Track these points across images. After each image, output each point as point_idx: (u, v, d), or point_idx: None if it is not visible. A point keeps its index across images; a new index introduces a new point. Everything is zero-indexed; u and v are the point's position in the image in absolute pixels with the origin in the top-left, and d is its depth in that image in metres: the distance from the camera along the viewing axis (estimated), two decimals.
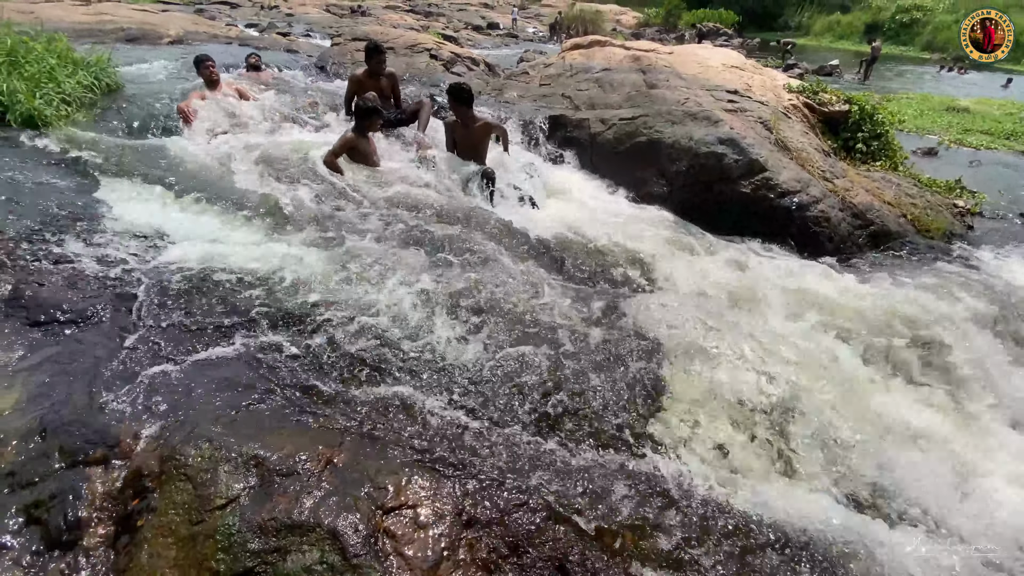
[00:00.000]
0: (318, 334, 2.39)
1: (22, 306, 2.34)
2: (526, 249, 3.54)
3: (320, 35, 16.02)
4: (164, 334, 2.34)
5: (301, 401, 2.09)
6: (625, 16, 32.67)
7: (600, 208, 4.62)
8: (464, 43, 16.25)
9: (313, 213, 3.37)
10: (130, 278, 2.58)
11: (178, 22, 10.12)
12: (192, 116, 4.43)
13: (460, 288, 2.81)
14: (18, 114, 3.92)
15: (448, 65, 7.50)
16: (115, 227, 2.89)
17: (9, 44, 4.30)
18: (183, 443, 1.82)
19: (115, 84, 4.79)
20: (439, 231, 3.34)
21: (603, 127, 5.38)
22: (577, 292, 3.12)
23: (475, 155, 4.51)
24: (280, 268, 2.73)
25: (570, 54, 7.38)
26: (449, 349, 2.46)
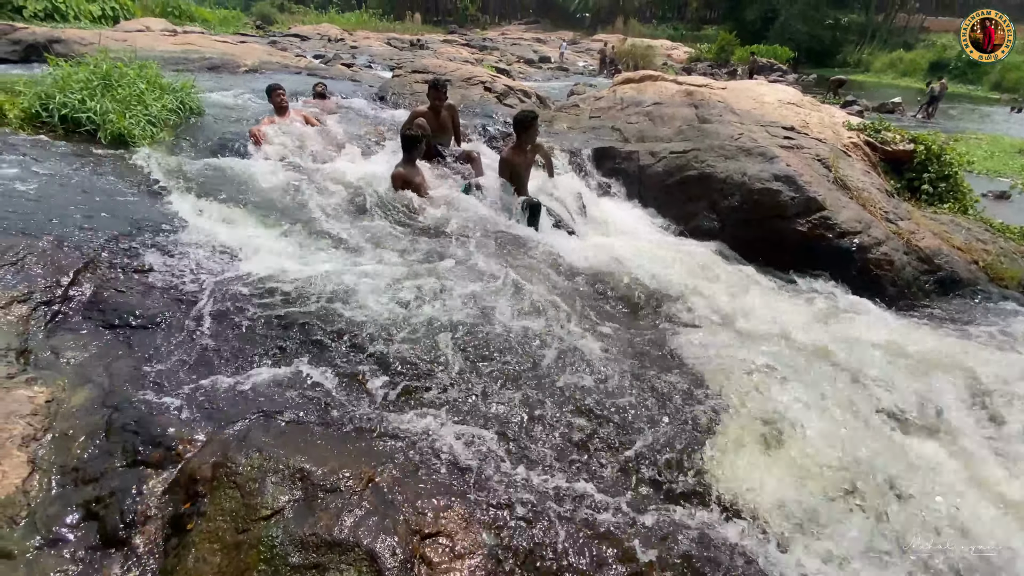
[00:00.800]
0: (367, 355, 2.44)
1: (100, 309, 2.51)
2: (571, 278, 3.53)
3: (381, 66, 16.87)
4: (224, 345, 2.45)
5: (347, 419, 2.12)
6: (676, 51, 32.85)
7: (647, 239, 4.57)
8: (516, 76, 16.75)
9: (368, 236, 3.49)
10: (197, 289, 2.73)
11: (254, 53, 10.93)
12: (262, 139, 4.73)
13: (503, 318, 2.81)
14: (108, 133, 4.29)
15: (501, 97, 7.72)
16: (187, 240, 3.09)
17: (104, 69, 4.75)
18: (235, 451, 1.88)
19: (197, 108, 5.20)
20: (485, 259, 3.38)
21: (653, 159, 5.37)
22: (622, 324, 3.07)
23: (523, 180, 4.57)
24: (335, 288, 2.82)
25: (621, 88, 7.45)
26: (489, 379, 2.45)
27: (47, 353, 2.24)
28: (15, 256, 2.48)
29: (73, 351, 2.28)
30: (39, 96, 4.39)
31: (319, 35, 27.07)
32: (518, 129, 4.42)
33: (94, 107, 4.28)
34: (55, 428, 1.96)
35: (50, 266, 2.53)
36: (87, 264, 2.63)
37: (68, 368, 2.20)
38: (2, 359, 2.13)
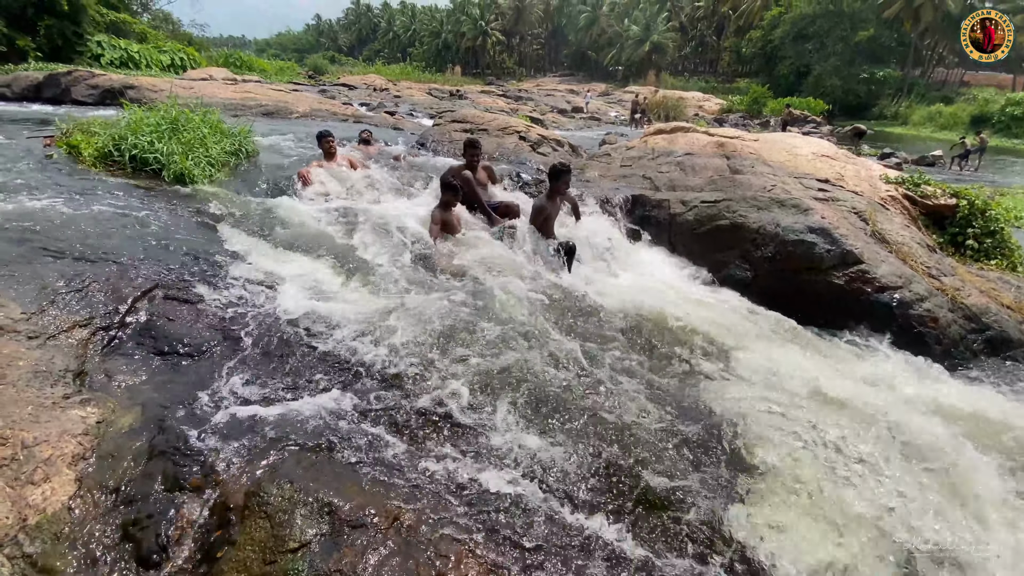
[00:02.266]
0: (399, 393, 2.48)
1: (152, 336, 2.66)
2: (599, 322, 3.53)
3: (422, 115, 17.78)
4: (262, 375, 2.55)
5: (375, 455, 2.15)
6: (708, 103, 33.48)
7: (677, 287, 4.56)
8: (549, 125, 17.32)
9: (405, 276, 3.61)
10: (242, 321, 2.87)
11: (306, 101, 11.71)
12: (310, 181, 5.02)
13: (531, 361, 2.83)
14: (172, 172, 4.64)
15: (535, 146, 7.99)
16: (235, 273, 3.26)
17: (173, 114, 5.19)
18: (267, 481, 1.92)
19: (252, 151, 5.58)
20: (516, 302, 3.44)
21: (684, 208, 5.42)
22: (651, 371, 3.04)
23: (552, 226, 4.72)
24: (369, 325, 2.91)
25: (652, 138, 7.63)
26: (515, 422, 2.45)
27: (101, 376, 2.37)
28: (81, 283, 2.68)
29: (125, 375, 2.41)
30: (112, 137, 4.80)
31: (366, 85, 28.79)
32: (552, 178, 4.63)
33: (161, 148, 4.66)
34: (102, 448, 2.05)
35: (111, 293, 2.71)
36: (144, 293, 2.81)
37: (119, 391, 2.32)
38: (60, 380, 2.27)
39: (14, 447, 1.95)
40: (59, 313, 2.48)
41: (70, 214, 3.40)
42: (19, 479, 1.90)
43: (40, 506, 1.85)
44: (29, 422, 2.03)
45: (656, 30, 55.65)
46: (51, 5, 22.15)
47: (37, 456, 1.95)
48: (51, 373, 2.24)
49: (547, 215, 4.71)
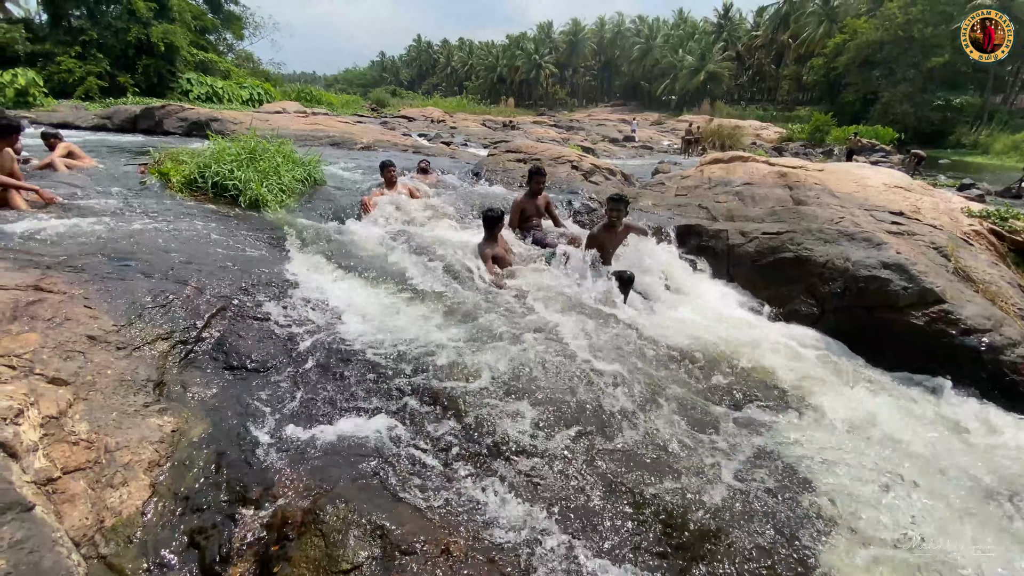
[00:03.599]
0: (454, 422, 2.48)
1: (224, 351, 2.82)
2: (656, 355, 3.43)
3: (476, 145, 18.34)
4: (323, 394, 2.63)
5: (428, 482, 2.16)
6: (766, 131, 32.63)
7: (737, 320, 4.37)
8: (600, 154, 17.42)
9: (459, 302, 3.67)
10: (304, 340, 2.99)
11: (369, 132, 12.37)
12: (372, 208, 5.26)
13: (584, 393, 2.78)
14: (248, 198, 4.99)
15: (587, 175, 8.03)
16: (301, 295, 3.43)
17: (252, 145, 5.60)
18: (324, 499, 1.96)
19: (320, 179, 5.93)
20: (571, 331, 3.41)
21: (743, 239, 5.24)
22: (711, 410, 2.91)
23: (610, 257, 4.70)
24: (424, 350, 2.95)
25: (709, 168, 7.49)
26: (568, 457, 2.40)
27: (178, 387, 2.52)
28: (165, 299, 2.89)
29: (198, 387, 2.56)
30: (198, 165, 5.24)
31: (424, 117, 30.12)
32: (608, 207, 4.72)
33: (239, 176, 5.03)
34: (175, 457, 2.17)
35: (190, 309, 2.91)
36: (218, 310, 3.00)
37: (193, 402, 2.46)
38: (142, 389, 2.43)
39: (98, 451, 2.10)
40: (144, 326, 2.68)
41: (159, 235, 3.71)
42: (100, 482, 2.03)
43: (117, 509, 1.97)
44: (113, 428, 2.18)
45: (711, 59, 55.30)
46: (150, 47, 24.81)
47: (118, 460, 2.09)
48: (134, 382, 2.41)
49: (600, 243, 4.71)
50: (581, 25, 75.13)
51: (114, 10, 24.35)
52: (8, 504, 1.71)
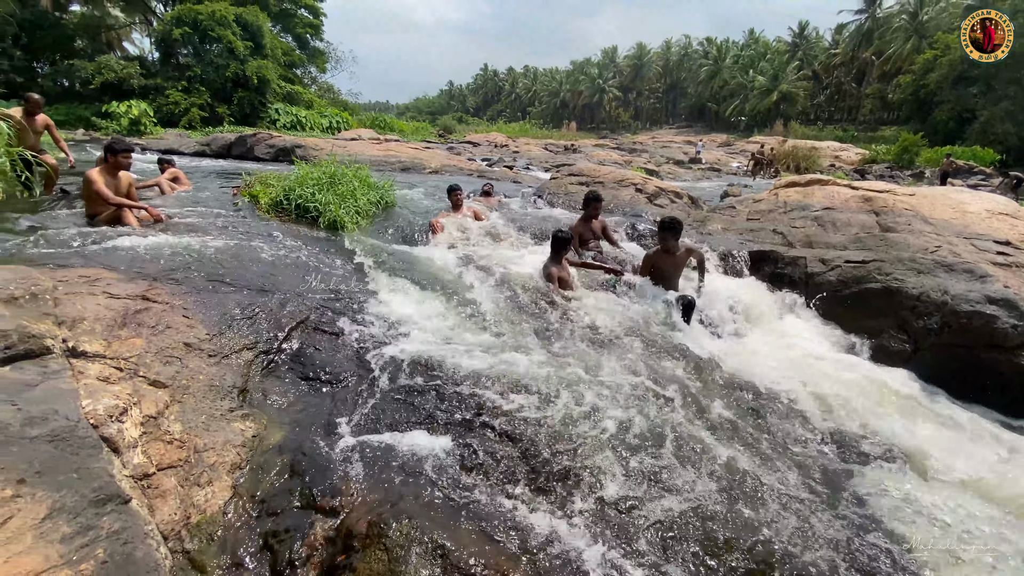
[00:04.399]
0: (517, 447, 2.47)
1: (301, 362, 2.98)
2: (723, 388, 3.27)
3: (538, 168, 18.59)
4: (389, 408, 2.71)
5: (489, 506, 2.15)
6: (846, 152, 30.72)
7: (815, 355, 4.08)
8: (665, 176, 17.09)
9: (521, 325, 3.69)
10: (374, 355, 3.11)
11: (437, 157, 12.89)
12: (439, 230, 5.44)
13: (648, 424, 2.68)
14: (327, 219, 5.31)
15: (652, 198, 7.90)
16: (372, 311, 3.58)
17: (332, 170, 5.98)
18: (388, 514, 2.00)
19: (392, 202, 6.22)
20: (633, 358, 3.32)
21: (823, 267, 4.92)
22: (790, 451, 2.71)
23: (672, 280, 4.57)
24: (488, 372, 2.97)
25: (784, 191, 7.14)
26: (631, 491, 2.31)
27: (259, 394, 2.69)
28: (252, 312, 3.11)
29: (277, 395, 2.71)
30: (283, 189, 5.66)
31: (488, 142, 30.96)
32: (660, 231, 4.65)
33: (320, 199, 5.38)
34: (254, 461, 2.30)
35: (273, 322, 3.12)
36: (298, 323, 3.18)
37: (271, 409, 2.61)
38: (228, 395, 2.61)
39: (188, 450, 2.26)
40: (233, 336, 2.89)
41: (248, 252, 4.02)
42: (188, 480, 2.19)
43: (202, 507, 2.11)
44: (202, 430, 2.35)
45: (785, 79, 53.25)
46: (245, 81, 27.35)
47: (205, 461, 2.24)
48: (222, 388, 2.60)
49: (658, 265, 4.63)
50: (646, 49, 75.01)
51: (216, 48, 27.15)
52: (109, 496, 1.87)
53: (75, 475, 1.85)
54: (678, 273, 4.65)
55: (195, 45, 27.20)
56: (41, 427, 1.93)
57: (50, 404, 2.02)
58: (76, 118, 23.20)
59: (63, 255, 3.55)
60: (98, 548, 1.70)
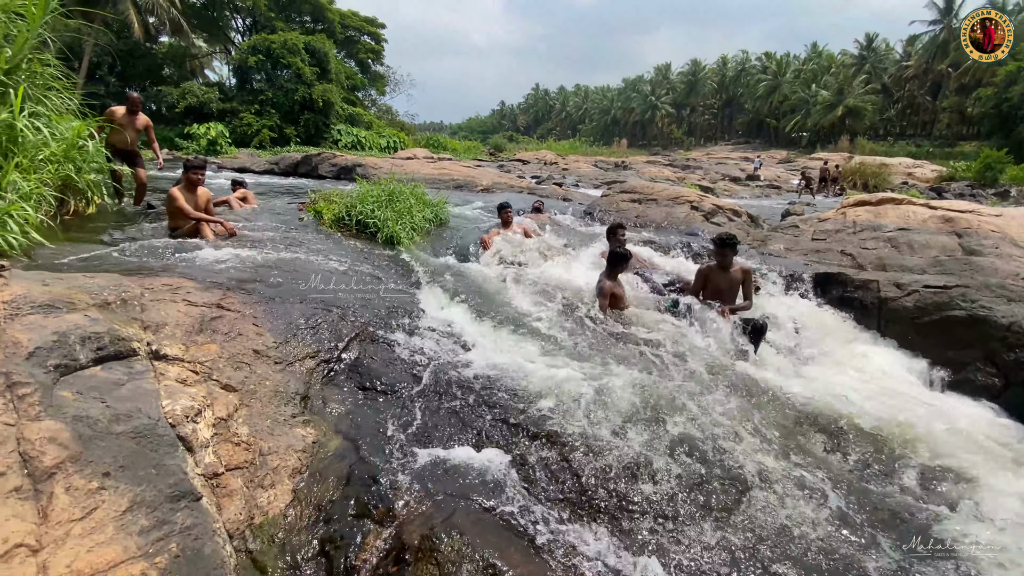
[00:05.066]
0: (569, 467, 2.42)
1: (358, 372, 3.07)
2: (790, 419, 3.08)
3: (587, 185, 18.55)
4: (441, 421, 2.74)
5: (539, 526, 2.11)
6: (920, 170, 28.77)
7: (891, 385, 3.79)
8: (720, 194, 16.61)
9: (573, 342, 3.66)
10: (428, 367, 3.16)
11: (488, 175, 13.13)
12: (490, 246, 5.52)
13: (711, 454, 2.57)
14: (384, 235, 5.51)
15: (708, 216, 7.69)
16: (425, 324, 3.65)
17: (390, 188, 6.21)
18: (440, 528, 2.01)
19: (445, 219, 6.38)
20: (694, 382, 3.21)
21: (899, 292, 4.59)
22: (860, 490, 2.51)
23: (725, 299, 4.44)
24: (543, 389, 2.95)
25: (853, 210, 6.76)
26: (693, 523, 2.21)
27: (319, 402, 2.79)
28: (315, 322, 3.25)
29: (335, 404, 2.80)
30: (345, 205, 5.92)
31: (537, 160, 31.27)
32: (716, 247, 4.57)
33: (379, 215, 5.59)
34: (313, 466, 2.38)
35: (334, 332, 3.24)
36: (357, 334, 3.29)
37: (330, 417, 2.69)
38: (291, 401, 2.72)
39: (254, 453, 2.37)
40: (297, 344, 3.02)
41: (312, 265, 4.22)
42: (253, 481, 2.28)
43: (265, 509, 2.19)
44: (266, 433, 2.45)
45: (851, 93, 50.79)
46: (311, 103, 29.05)
47: (268, 464, 2.34)
48: (286, 394, 2.71)
49: (712, 281, 4.51)
50: (701, 65, 73.82)
51: (286, 74, 29.08)
52: (183, 492, 1.98)
53: (153, 471, 1.98)
54: (733, 292, 4.48)
55: (268, 71, 29.24)
56: (126, 424, 2.07)
57: (135, 402, 2.18)
58: (161, 139, 25.37)
59: (149, 264, 3.86)
60: (172, 542, 1.80)
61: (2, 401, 1.95)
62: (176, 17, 26.27)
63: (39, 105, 5.29)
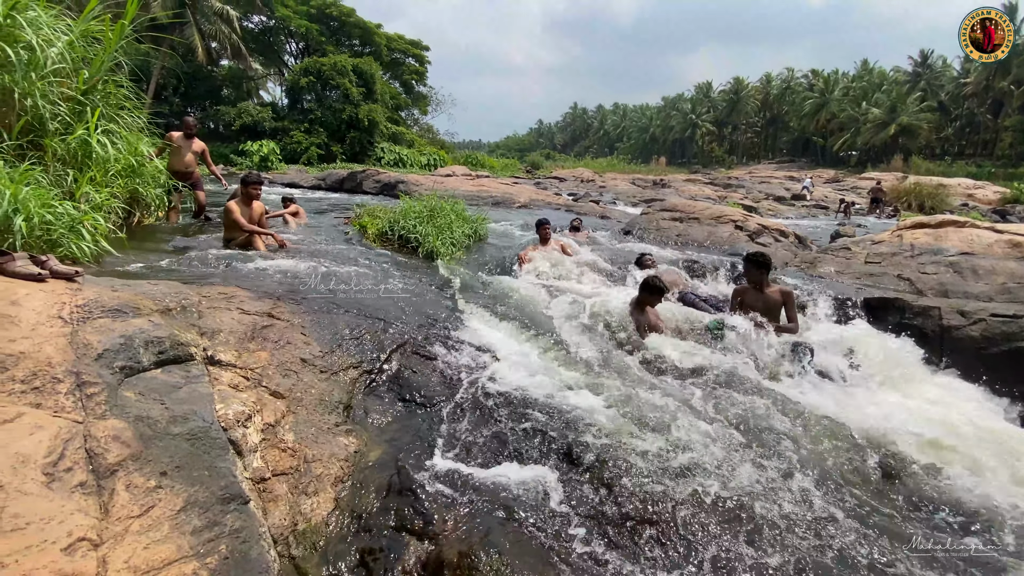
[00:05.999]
0: (607, 491, 2.35)
1: (398, 384, 3.11)
2: (847, 453, 2.91)
3: (624, 203, 18.40)
4: (478, 436, 2.73)
5: (577, 549, 2.07)
6: (982, 191, 27.14)
7: (960, 420, 3.53)
8: (764, 213, 16.14)
9: (609, 363, 3.60)
10: (465, 381, 3.17)
11: (525, 192, 13.23)
12: (527, 262, 5.54)
13: (749, 479, 2.46)
14: (425, 249, 5.62)
15: (753, 236, 7.48)
16: (463, 337, 3.68)
17: (432, 204, 6.34)
18: (478, 546, 1.99)
19: (484, 234, 6.46)
20: (735, 406, 3.09)
21: (963, 320, 4.32)
22: (924, 534, 2.34)
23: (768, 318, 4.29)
24: (581, 410, 2.90)
25: (910, 232, 6.44)
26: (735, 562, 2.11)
27: (361, 411, 2.83)
28: (358, 333, 3.32)
29: (376, 414, 2.84)
30: (388, 220, 6.08)
31: (574, 177, 31.29)
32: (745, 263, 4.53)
33: (420, 230, 5.71)
34: (355, 476, 2.41)
35: (376, 343, 3.30)
36: (398, 346, 3.34)
37: (371, 427, 2.73)
38: (335, 409, 2.78)
39: (299, 459, 2.42)
40: (342, 355, 3.10)
41: (357, 277, 4.33)
42: (297, 488, 2.33)
43: (308, 516, 2.23)
44: (311, 441, 2.51)
45: (905, 111, 48.77)
46: (357, 122, 30.16)
47: (312, 472, 2.38)
48: (330, 403, 2.77)
49: (749, 301, 4.41)
50: (744, 83, 72.62)
51: (334, 95, 30.37)
52: (233, 495, 2.03)
53: (206, 472, 2.04)
54: (772, 315, 4.32)
55: (317, 92, 30.60)
56: (182, 425, 2.16)
57: (191, 405, 2.27)
58: (218, 155, 26.91)
59: (206, 273, 4.05)
60: (222, 544, 1.85)
61: (72, 399, 2.07)
62: (236, 42, 27.98)
63: (112, 123, 5.71)
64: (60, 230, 3.66)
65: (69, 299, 2.53)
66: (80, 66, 5.22)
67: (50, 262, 2.83)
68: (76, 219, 3.84)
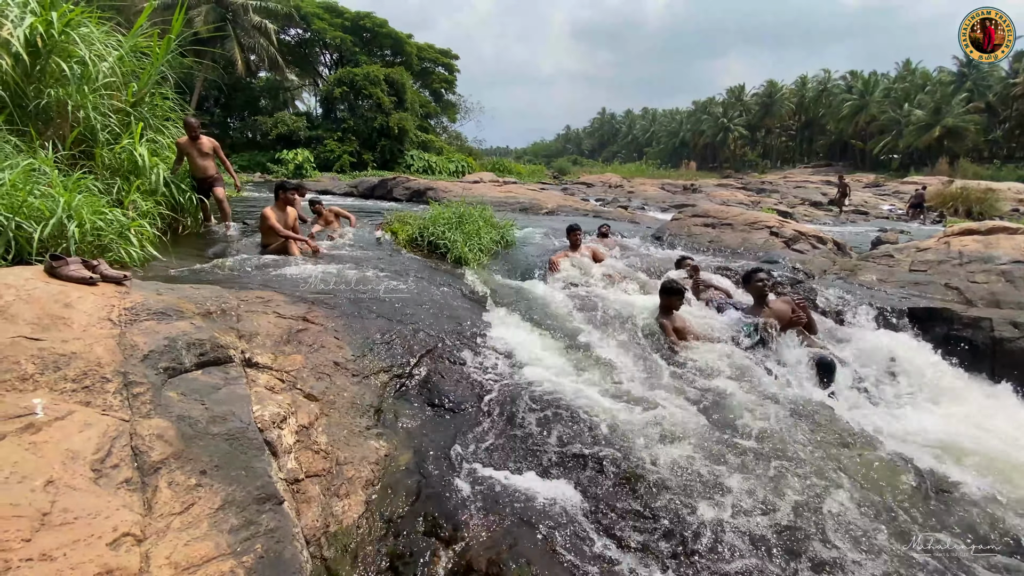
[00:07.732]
0: (638, 504, 2.32)
1: (428, 389, 3.13)
2: (888, 473, 2.78)
3: (654, 208, 18.16)
4: (505, 443, 2.72)
5: (604, 561, 2.03)
6: None
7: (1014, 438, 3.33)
8: (800, 219, 15.66)
9: (648, 375, 3.54)
10: (493, 387, 3.17)
11: (553, 198, 13.21)
12: (557, 268, 5.52)
13: (780, 499, 2.37)
14: (453, 255, 5.66)
15: (789, 242, 7.26)
16: (491, 344, 3.68)
17: (460, 211, 6.39)
18: (506, 554, 1.98)
19: (512, 240, 6.48)
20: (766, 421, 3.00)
21: (1017, 332, 4.09)
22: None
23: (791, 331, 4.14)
24: (612, 420, 2.86)
25: (958, 239, 6.14)
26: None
27: (391, 415, 2.86)
28: (389, 338, 3.37)
29: (406, 419, 2.86)
30: (418, 227, 6.16)
31: (602, 183, 31.06)
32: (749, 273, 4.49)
33: (449, 236, 5.77)
34: (385, 480, 2.43)
35: (406, 348, 3.33)
36: (427, 351, 3.37)
37: (401, 431, 2.76)
38: (366, 413, 2.82)
39: (331, 462, 2.46)
40: (373, 359, 3.14)
41: (387, 282, 4.39)
42: (329, 490, 2.36)
43: (339, 518, 2.26)
44: (343, 444, 2.54)
45: (950, 112, 46.70)
46: (388, 131, 30.75)
47: (344, 474, 2.41)
48: (361, 406, 2.81)
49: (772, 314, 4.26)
50: (778, 86, 70.89)
51: (366, 104, 31.06)
52: (268, 495, 2.07)
53: (243, 472, 2.10)
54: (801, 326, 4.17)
55: (350, 101, 31.37)
56: (221, 426, 2.22)
57: (229, 406, 2.34)
58: (255, 163, 27.86)
59: (244, 278, 4.18)
60: (257, 543, 1.89)
61: (119, 398, 2.16)
62: (274, 54, 28.99)
63: (158, 134, 5.97)
64: (110, 236, 3.84)
65: (118, 302, 2.65)
66: (129, 79, 5.49)
67: (101, 266, 2.96)
68: (125, 225, 4.03)
